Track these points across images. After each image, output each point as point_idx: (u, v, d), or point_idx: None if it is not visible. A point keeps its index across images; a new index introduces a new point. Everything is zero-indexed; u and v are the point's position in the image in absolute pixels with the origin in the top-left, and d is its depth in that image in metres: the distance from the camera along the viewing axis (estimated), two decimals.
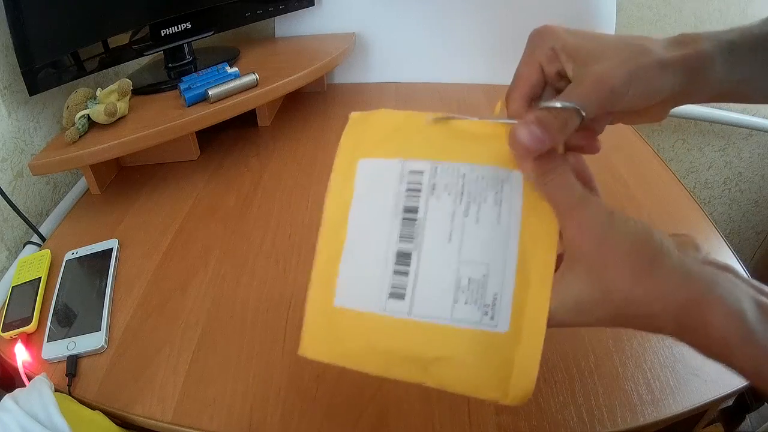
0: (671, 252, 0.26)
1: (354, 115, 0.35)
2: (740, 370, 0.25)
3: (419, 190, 0.32)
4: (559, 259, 0.29)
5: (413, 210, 0.32)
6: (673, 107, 0.31)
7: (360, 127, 0.35)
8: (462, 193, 0.31)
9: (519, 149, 0.28)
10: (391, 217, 0.32)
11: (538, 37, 0.30)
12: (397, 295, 0.32)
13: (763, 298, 0.25)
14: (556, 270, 0.29)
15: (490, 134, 0.32)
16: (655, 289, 0.25)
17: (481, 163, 0.31)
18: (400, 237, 0.32)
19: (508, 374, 0.29)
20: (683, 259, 0.25)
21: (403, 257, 0.32)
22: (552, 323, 0.28)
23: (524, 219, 0.30)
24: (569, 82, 0.29)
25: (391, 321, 0.32)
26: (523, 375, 0.29)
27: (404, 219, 0.32)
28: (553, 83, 0.31)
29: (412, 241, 0.32)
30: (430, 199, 0.32)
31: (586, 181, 0.30)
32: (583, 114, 0.27)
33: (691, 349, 0.27)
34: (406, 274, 0.32)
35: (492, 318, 0.30)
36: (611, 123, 0.33)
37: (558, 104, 0.27)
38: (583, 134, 0.31)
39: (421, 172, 0.32)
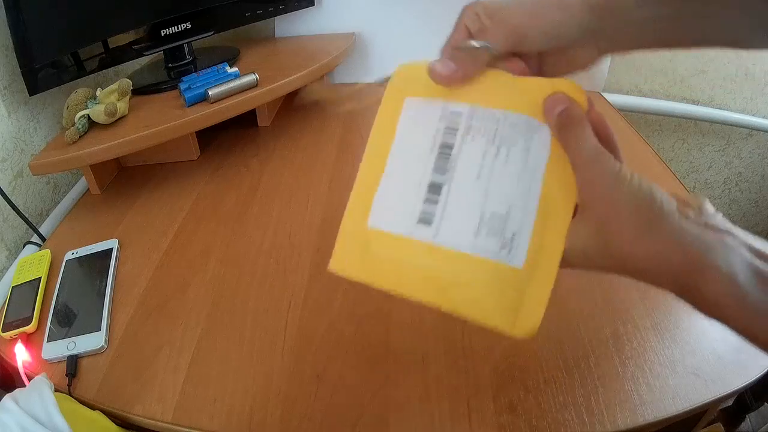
0: (671, 215, 0.27)
1: (403, 65, 0.39)
2: (736, 331, 0.26)
3: (456, 129, 0.35)
4: (577, 207, 0.31)
5: (449, 146, 0.35)
6: (600, 54, 0.34)
7: (408, 72, 0.38)
8: (495, 136, 0.34)
9: (436, 78, 0.34)
10: (428, 150, 0.35)
11: (466, 7, 0.35)
12: (425, 221, 0.34)
13: (758, 262, 0.26)
14: (573, 216, 0.31)
15: (528, 87, 0.34)
16: (652, 250, 0.27)
17: (516, 112, 0.34)
18: (434, 169, 0.35)
19: (518, 307, 0.31)
20: (682, 222, 0.27)
21: (435, 187, 0.35)
22: (562, 264, 0.30)
23: (549, 167, 0.33)
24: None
25: (417, 244, 0.34)
26: (531, 310, 0.31)
27: (440, 153, 0.35)
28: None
29: (444, 174, 0.35)
30: (466, 138, 0.35)
31: (604, 138, 0.31)
32: (491, 49, 0.33)
33: (691, 349, 0.28)
34: (435, 203, 0.34)
35: (509, 252, 0.33)
36: (553, 74, 0.36)
37: (470, 43, 0.33)
38: (516, 70, 0.35)
39: (460, 114, 0.35)
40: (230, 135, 0.84)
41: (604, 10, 0.31)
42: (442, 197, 0.35)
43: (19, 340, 0.50)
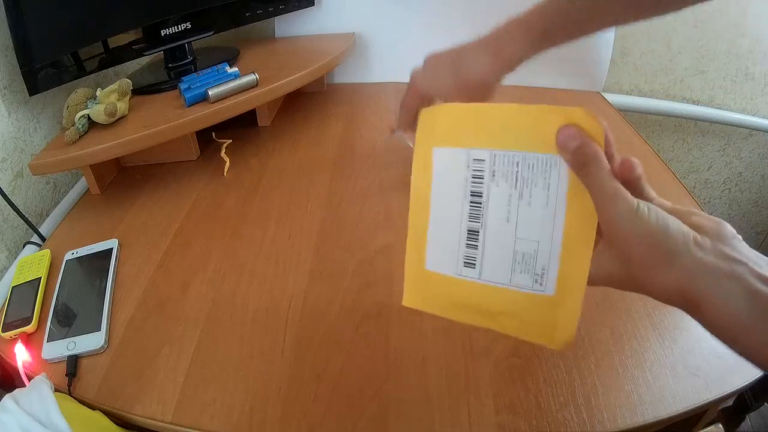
0: (685, 249, 0.29)
1: (425, 110, 0.42)
2: (739, 353, 0.28)
3: (482, 177, 0.39)
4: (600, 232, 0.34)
5: (479, 194, 0.39)
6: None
7: (431, 118, 0.41)
8: (516, 179, 0.37)
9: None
10: (462, 199, 0.39)
11: (410, 88, 0.48)
12: (469, 264, 0.40)
13: (763, 287, 0.27)
14: (596, 244, 0.34)
15: (541, 121, 0.36)
16: (667, 280, 0.29)
17: (531, 151, 0.37)
18: (469, 217, 0.39)
19: (554, 326, 0.38)
20: (696, 255, 0.29)
21: (473, 234, 0.39)
22: (590, 283, 0.34)
23: (569, 201, 0.36)
24: None
25: (466, 283, 0.40)
26: (565, 327, 0.37)
27: (471, 202, 0.39)
28: None
29: (479, 220, 0.39)
30: (491, 184, 0.38)
31: (626, 172, 0.34)
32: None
33: (691, 349, 0.29)
34: (476, 247, 0.39)
35: (541, 285, 0.38)
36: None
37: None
38: None
39: (482, 161, 0.39)
40: (230, 135, 0.83)
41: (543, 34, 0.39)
42: (480, 242, 0.39)
43: (19, 340, 0.50)
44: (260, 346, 0.48)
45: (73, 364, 0.47)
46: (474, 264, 0.40)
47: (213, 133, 0.83)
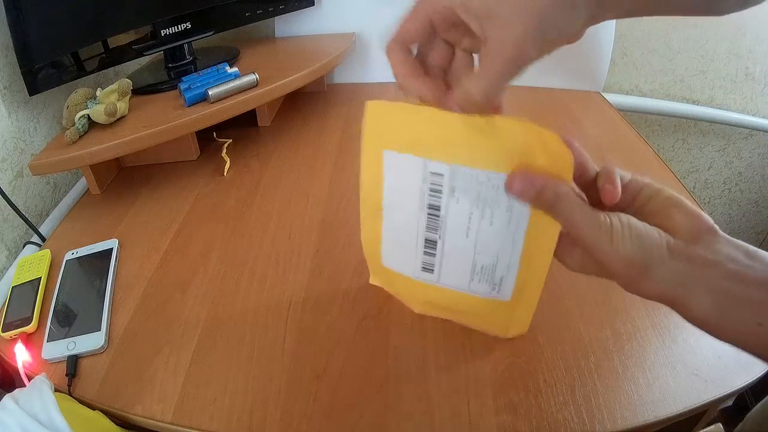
0: (660, 262, 0.30)
1: (371, 104, 0.38)
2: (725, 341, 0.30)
3: (440, 192, 0.37)
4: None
5: (437, 207, 0.38)
6: (586, 26, 0.32)
7: (380, 115, 0.38)
8: (478, 198, 0.36)
9: (427, 102, 0.34)
10: (418, 210, 0.39)
11: None
12: (427, 269, 0.41)
13: (730, 285, 0.29)
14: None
15: (506, 138, 0.33)
16: (646, 289, 0.31)
17: (496, 171, 0.34)
18: (427, 228, 0.39)
19: (509, 323, 0.43)
20: (669, 266, 0.30)
21: (431, 243, 0.40)
22: (576, 271, 0.35)
23: (531, 221, 0.36)
24: (472, 35, 0.31)
25: (425, 285, 0.42)
26: (519, 324, 0.43)
27: (429, 214, 0.38)
28: (446, 36, 0.33)
29: (437, 232, 0.39)
30: (450, 200, 0.37)
31: (607, 196, 0.33)
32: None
33: (691, 349, 0.30)
34: (433, 255, 0.40)
35: (498, 291, 0.39)
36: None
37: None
38: None
39: (441, 175, 0.36)
40: (230, 135, 0.83)
41: None
42: (438, 251, 0.40)
43: (19, 340, 0.50)
44: (260, 346, 0.48)
45: (73, 364, 0.47)
46: (432, 270, 0.41)
47: (214, 133, 0.83)
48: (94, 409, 0.44)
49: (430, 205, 0.38)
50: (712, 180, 1.19)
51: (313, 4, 0.95)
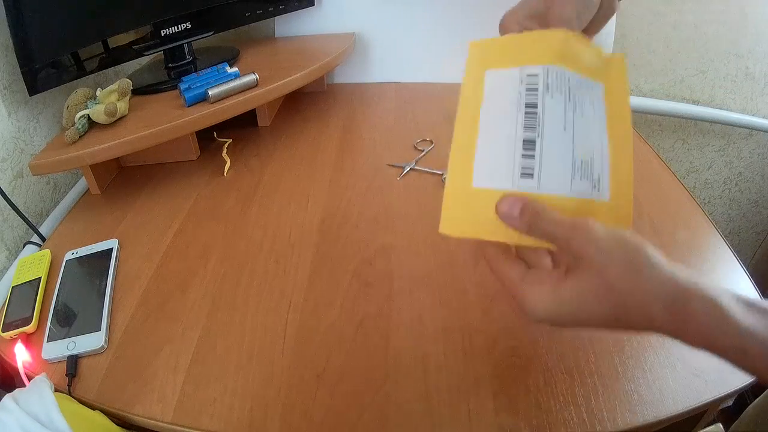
0: (660, 262, 0.31)
1: (473, 43, 0.43)
2: (721, 355, 0.30)
3: (536, 89, 0.39)
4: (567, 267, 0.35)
5: (533, 105, 0.39)
6: None
7: (482, 47, 0.43)
8: (569, 93, 0.39)
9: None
10: (516, 111, 0.39)
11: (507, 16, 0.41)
12: (527, 174, 0.38)
13: (743, 296, 0.30)
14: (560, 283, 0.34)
15: (587, 52, 0.41)
16: (647, 284, 0.30)
17: (580, 74, 0.40)
18: (525, 127, 0.39)
19: (617, 221, 0.40)
20: (671, 266, 0.31)
21: (529, 143, 0.39)
22: (555, 321, 0.33)
23: (608, 119, 0.40)
24: None
25: (515, 194, 0.38)
26: (623, 218, 0.40)
27: (527, 112, 0.39)
28: None
29: (535, 130, 0.39)
30: (546, 96, 0.39)
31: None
32: None
33: (691, 349, 0.30)
34: (533, 157, 0.38)
35: (599, 190, 0.39)
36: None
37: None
38: None
39: (536, 75, 0.40)
40: (230, 135, 0.84)
41: None
42: (537, 151, 0.38)
43: (19, 340, 0.50)
44: (260, 346, 0.48)
45: (73, 364, 0.47)
46: (532, 174, 0.38)
47: (215, 133, 0.83)
48: (94, 409, 0.44)
49: (528, 104, 0.39)
50: (712, 180, 1.19)
51: (313, 4, 0.95)
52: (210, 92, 0.70)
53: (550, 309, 0.33)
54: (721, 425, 0.49)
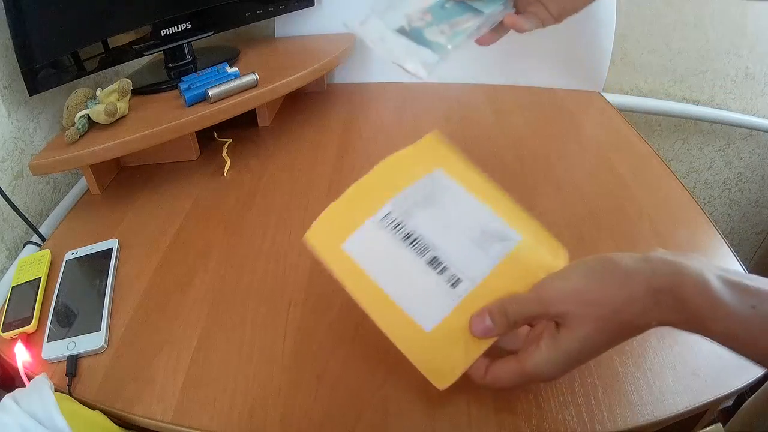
0: (630, 264, 0.32)
1: (307, 235, 0.44)
2: (713, 337, 0.30)
3: (400, 223, 0.42)
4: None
5: (409, 235, 0.42)
6: None
7: (318, 230, 0.44)
8: (422, 202, 0.42)
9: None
10: (400, 250, 0.41)
11: None
12: (455, 283, 0.40)
13: (727, 274, 0.30)
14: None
15: (410, 158, 0.45)
16: (631, 290, 0.31)
17: (415, 181, 0.43)
18: (419, 254, 0.41)
19: (548, 248, 0.42)
20: (647, 257, 0.32)
21: (434, 262, 0.41)
22: (568, 368, 0.35)
23: (464, 186, 0.42)
24: None
25: (464, 301, 0.39)
26: (550, 240, 0.43)
27: (409, 243, 0.41)
28: None
29: (428, 250, 0.41)
30: (411, 221, 0.42)
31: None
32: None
33: (691, 349, 0.30)
34: (446, 268, 0.40)
35: (510, 239, 0.41)
36: (574, 8, 0.44)
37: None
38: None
39: (389, 213, 0.43)
40: (230, 135, 0.84)
41: None
42: (444, 261, 0.41)
43: (19, 340, 0.50)
44: (260, 346, 0.48)
45: (73, 364, 0.47)
46: (458, 279, 0.40)
47: (215, 133, 0.83)
48: (94, 409, 0.44)
49: (407, 238, 0.42)
50: (712, 180, 1.19)
51: (313, 4, 0.95)
52: (210, 92, 0.70)
53: (559, 360, 0.34)
54: (721, 425, 0.49)
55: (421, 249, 0.41)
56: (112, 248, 0.60)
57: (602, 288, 0.32)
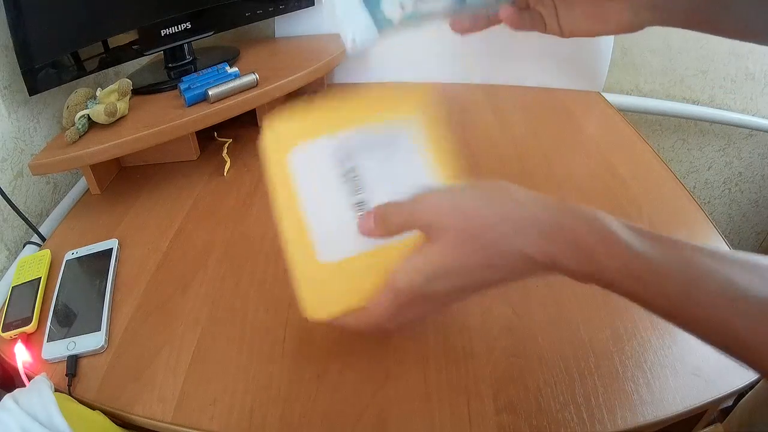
0: (529, 194, 0.28)
1: (268, 125, 0.42)
2: (612, 279, 0.26)
3: (349, 154, 0.41)
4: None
5: (352, 169, 0.41)
6: (638, 14, 0.32)
7: (277, 130, 0.42)
8: (376, 146, 0.41)
9: (457, 29, 0.37)
10: (336, 180, 0.40)
11: None
12: None
13: (632, 224, 0.27)
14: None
15: (376, 101, 0.43)
16: (512, 207, 0.28)
17: (377, 123, 0.41)
18: (352, 192, 0.40)
19: None
20: (545, 197, 0.28)
21: (360, 204, 0.40)
22: (429, 285, 0.32)
23: (424, 151, 0.41)
24: None
25: (366, 254, 0.39)
26: None
27: (348, 179, 0.41)
28: None
29: (361, 191, 0.41)
30: (358, 157, 0.41)
31: None
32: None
33: (691, 349, 0.29)
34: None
35: None
36: (576, 29, 0.37)
37: None
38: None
39: (347, 139, 0.41)
40: (230, 135, 0.83)
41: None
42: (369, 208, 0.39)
43: (19, 340, 0.50)
44: (260, 346, 0.48)
45: (73, 364, 0.47)
46: None
47: (215, 133, 0.83)
48: (94, 409, 0.44)
49: (346, 171, 0.41)
50: (712, 180, 1.19)
51: (313, 4, 0.95)
52: (210, 92, 0.70)
53: (423, 271, 0.31)
54: (720, 425, 0.49)
55: (354, 188, 0.41)
56: (112, 248, 0.60)
57: (476, 204, 0.29)
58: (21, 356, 0.48)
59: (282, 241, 0.41)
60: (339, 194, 0.40)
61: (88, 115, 0.68)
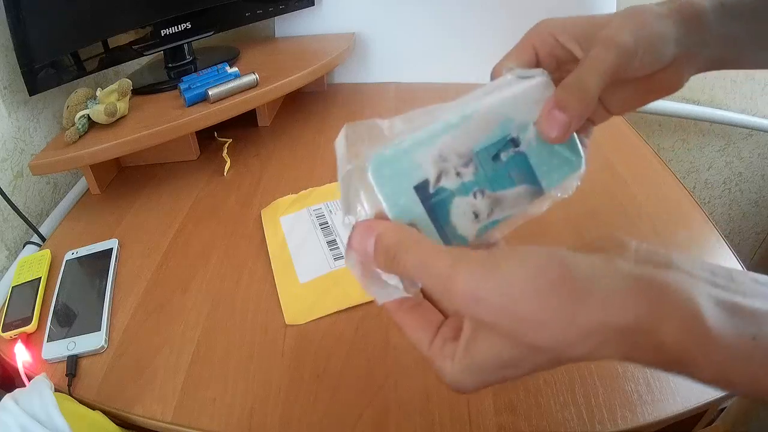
0: (585, 269, 0.21)
1: (264, 211, 0.65)
2: (703, 380, 0.21)
3: (323, 214, 0.62)
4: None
5: (325, 223, 0.61)
6: (685, 75, 0.30)
7: (272, 206, 0.66)
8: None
9: (550, 136, 0.29)
10: (314, 229, 0.60)
11: (535, 26, 0.32)
12: (338, 258, 0.56)
13: (720, 292, 0.21)
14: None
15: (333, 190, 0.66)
16: (579, 323, 0.21)
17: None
18: (325, 235, 0.59)
19: None
20: (606, 270, 0.21)
21: (332, 242, 0.58)
22: (488, 384, 0.24)
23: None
24: (572, 67, 0.29)
25: (337, 272, 0.54)
26: None
27: (323, 227, 0.60)
28: (547, 67, 0.32)
29: (332, 234, 0.59)
30: (329, 216, 0.61)
31: None
32: (546, 78, 0.30)
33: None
34: (337, 248, 0.57)
35: None
36: (631, 107, 0.34)
37: (525, 72, 0.31)
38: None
39: (319, 208, 0.63)
40: (230, 135, 0.84)
41: (693, 20, 0.28)
42: (339, 245, 0.58)
43: (19, 340, 0.50)
44: (260, 346, 0.48)
45: (73, 364, 0.47)
46: (342, 256, 0.55)
47: (215, 133, 0.83)
48: (94, 409, 0.44)
49: (321, 224, 0.61)
50: (712, 180, 1.20)
51: (313, 4, 0.95)
52: (210, 92, 0.70)
53: (476, 380, 0.24)
54: (720, 425, 0.49)
55: (327, 233, 0.59)
56: (112, 248, 0.60)
57: (530, 305, 0.21)
58: (21, 356, 0.48)
59: (273, 267, 0.56)
60: (315, 238, 0.59)
61: (88, 115, 0.68)
